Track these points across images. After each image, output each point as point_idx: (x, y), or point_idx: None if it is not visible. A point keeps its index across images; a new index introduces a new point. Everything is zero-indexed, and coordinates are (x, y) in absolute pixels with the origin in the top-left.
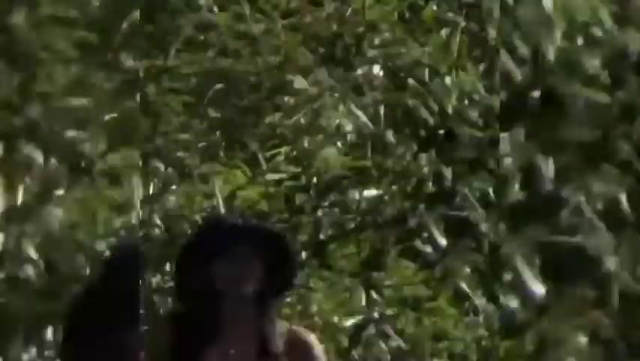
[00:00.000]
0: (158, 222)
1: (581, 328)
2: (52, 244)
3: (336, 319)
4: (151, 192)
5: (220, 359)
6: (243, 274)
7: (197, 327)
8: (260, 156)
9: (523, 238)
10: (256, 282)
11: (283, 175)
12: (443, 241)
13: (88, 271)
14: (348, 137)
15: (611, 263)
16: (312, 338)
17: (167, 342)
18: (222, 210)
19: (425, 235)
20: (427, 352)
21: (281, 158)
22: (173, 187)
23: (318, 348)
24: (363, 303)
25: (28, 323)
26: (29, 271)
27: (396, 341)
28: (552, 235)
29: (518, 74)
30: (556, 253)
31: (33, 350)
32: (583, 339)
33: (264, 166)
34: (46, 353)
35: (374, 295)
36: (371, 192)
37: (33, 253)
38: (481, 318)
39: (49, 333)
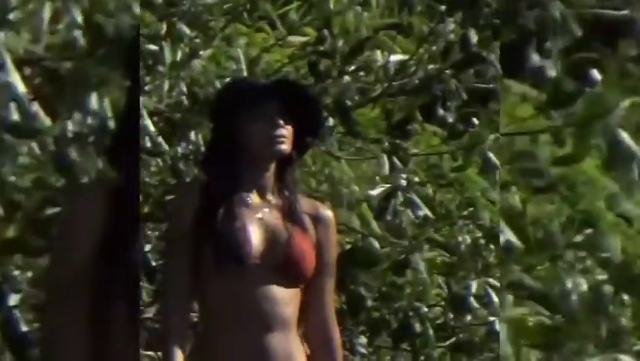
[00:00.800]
0: (184, 88)
1: None
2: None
3: (358, 188)
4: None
5: (249, 225)
6: (277, 132)
7: (223, 193)
8: (274, 16)
9: None
10: (288, 141)
11: (307, 38)
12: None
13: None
14: None
15: None
16: (332, 214)
17: (192, 207)
18: (246, 73)
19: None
20: (455, 220)
21: (297, 17)
22: (201, 52)
23: (335, 225)
24: (387, 172)
25: (74, 87)
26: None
27: (424, 211)
28: None
29: None
30: None
31: (77, 116)
32: None
33: (280, 27)
34: (89, 120)
35: (398, 163)
36: (397, 57)
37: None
38: None
39: (93, 100)
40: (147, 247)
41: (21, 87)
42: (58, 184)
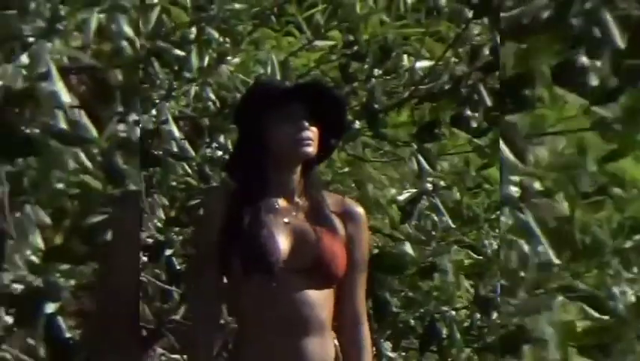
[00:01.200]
0: (212, 95)
1: None
2: None
3: (390, 190)
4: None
5: (277, 231)
6: (303, 134)
7: (250, 196)
8: (300, 19)
9: None
10: (314, 143)
11: (334, 42)
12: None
13: None
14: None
15: None
16: (362, 210)
17: (220, 212)
18: (277, 76)
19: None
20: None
21: (322, 20)
22: (229, 57)
23: (366, 221)
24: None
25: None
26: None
27: (445, 217)
28: None
29: None
30: None
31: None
32: None
33: (307, 31)
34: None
35: (427, 167)
36: (423, 63)
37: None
38: None
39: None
40: (170, 251)
41: (66, 96)
42: (105, 191)
